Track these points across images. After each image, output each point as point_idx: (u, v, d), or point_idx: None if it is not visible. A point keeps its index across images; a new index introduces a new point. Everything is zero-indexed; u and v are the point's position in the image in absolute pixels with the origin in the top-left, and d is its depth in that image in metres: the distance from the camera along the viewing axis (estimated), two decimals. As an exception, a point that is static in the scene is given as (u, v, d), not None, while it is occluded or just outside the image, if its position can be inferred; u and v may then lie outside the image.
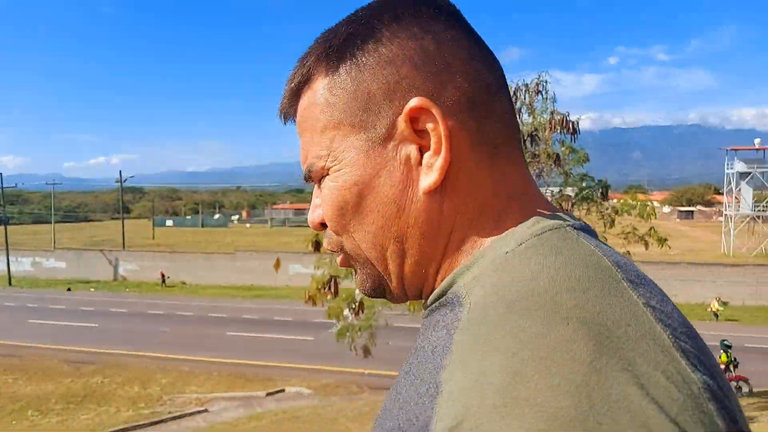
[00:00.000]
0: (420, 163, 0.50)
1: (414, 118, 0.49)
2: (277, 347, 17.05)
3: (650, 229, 8.16)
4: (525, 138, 7.04)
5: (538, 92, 7.24)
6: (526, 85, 7.28)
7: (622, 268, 0.45)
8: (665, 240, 8.11)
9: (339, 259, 0.59)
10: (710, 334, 15.82)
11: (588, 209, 8.32)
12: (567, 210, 6.88)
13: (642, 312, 0.41)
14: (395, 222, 0.52)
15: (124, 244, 42.22)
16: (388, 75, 0.50)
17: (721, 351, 11.81)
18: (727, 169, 47.06)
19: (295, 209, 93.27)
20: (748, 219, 44.25)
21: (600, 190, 7.87)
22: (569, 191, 7.91)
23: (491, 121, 0.51)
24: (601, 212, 8.10)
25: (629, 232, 8.20)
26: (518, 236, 0.48)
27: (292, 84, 0.56)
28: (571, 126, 7.04)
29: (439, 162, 0.49)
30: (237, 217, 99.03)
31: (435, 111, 0.48)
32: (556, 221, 0.49)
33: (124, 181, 51.35)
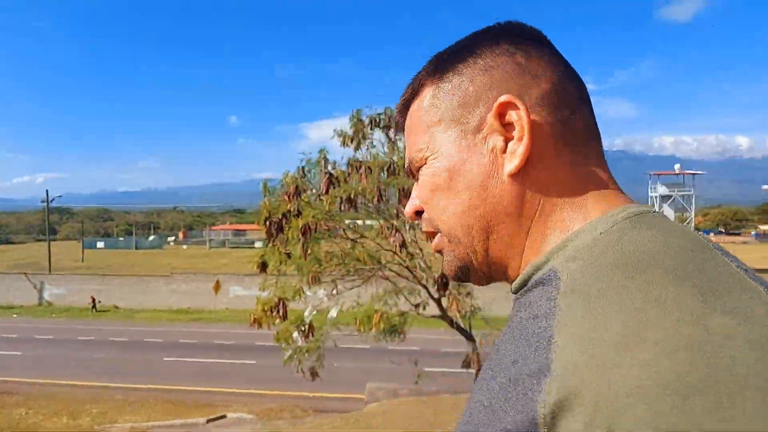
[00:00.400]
0: (504, 151, 0.57)
1: (501, 113, 0.57)
2: (218, 372, 16.49)
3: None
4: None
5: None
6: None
7: (710, 241, 0.50)
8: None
9: (434, 242, 0.65)
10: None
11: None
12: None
13: (736, 271, 0.46)
14: (481, 203, 0.58)
15: (50, 267, 39.81)
16: (483, 80, 0.59)
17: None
18: (651, 192, 50.18)
19: (236, 230, 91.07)
20: (670, 239, 46.82)
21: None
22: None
23: (572, 121, 0.58)
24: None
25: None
26: (610, 220, 0.52)
27: (404, 97, 0.66)
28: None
29: (521, 149, 0.55)
30: (173, 238, 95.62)
31: (520, 105, 0.56)
32: (643, 207, 0.54)
33: (51, 200, 48.68)
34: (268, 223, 7.33)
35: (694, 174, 52.49)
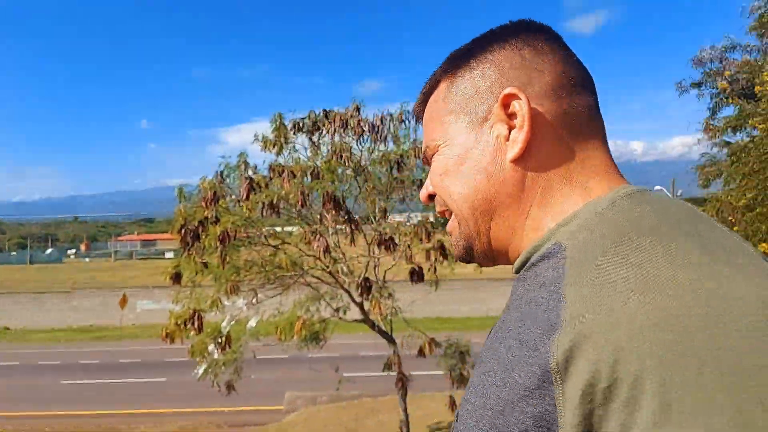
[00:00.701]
0: (508, 139, 0.62)
1: (506, 104, 0.61)
2: (124, 392, 15.43)
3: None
4: (392, 165, 7.32)
5: (402, 121, 7.61)
6: (391, 115, 7.61)
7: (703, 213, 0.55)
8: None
9: (449, 225, 0.70)
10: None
11: (445, 232, 8.86)
12: (430, 233, 7.22)
13: (730, 235, 0.50)
14: (485, 187, 0.63)
15: (-74, 285, 35.73)
16: (492, 73, 0.64)
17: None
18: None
19: (144, 240, 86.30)
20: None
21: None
22: (431, 217, 8.36)
23: (573, 109, 0.62)
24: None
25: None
26: (609, 198, 0.57)
27: (423, 91, 0.72)
28: (432, 155, 7.48)
29: (522, 136, 0.60)
30: (74, 251, 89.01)
31: (522, 96, 0.60)
32: (640, 186, 0.59)
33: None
34: (183, 231, 6.95)
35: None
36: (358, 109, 7.48)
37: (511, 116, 0.61)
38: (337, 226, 7.56)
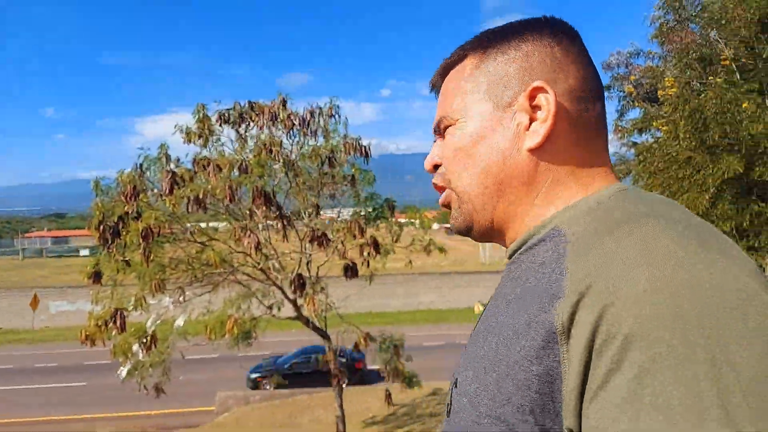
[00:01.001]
0: (527, 129, 0.65)
1: (533, 96, 0.65)
2: (39, 399, 14.45)
3: (430, 240, 9.08)
4: (323, 160, 7.28)
5: (332, 116, 7.58)
6: (320, 109, 7.56)
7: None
8: (443, 249, 9.10)
9: (442, 197, 0.73)
10: (478, 333, 18.08)
11: (377, 227, 8.93)
12: (363, 228, 7.25)
13: (709, 225, 0.56)
14: (500, 168, 0.66)
15: None
16: (522, 63, 0.66)
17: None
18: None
19: (55, 237, 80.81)
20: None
21: (389, 209, 8.50)
22: (362, 212, 8.39)
23: (588, 114, 0.66)
24: (389, 228, 8.76)
25: (412, 243, 9.02)
26: (607, 192, 0.63)
27: (448, 61, 0.73)
28: (363, 150, 7.51)
29: (544, 129, 0.64)
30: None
31: (550, 91, 0.64)
32: (631, 185, 0.67)
33: None
34: (102, 227, 6.59)
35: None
36: (284, 102, 7.37)
37: (535, 108, 0.65)
38: (268, 222, 7.44)
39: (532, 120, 0.65)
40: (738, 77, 6.92)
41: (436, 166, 0.74)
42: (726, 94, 6.41)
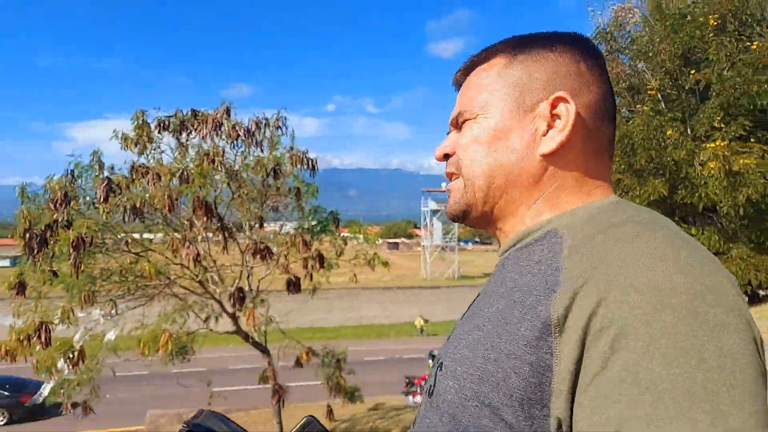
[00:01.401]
0: (544, 135, 0.70)
1: (554, 105, 0.69)
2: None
3: (374, 254, 9.10)
4: (268, 172, 7.18)
5: (278, 127, 7.51)
6: (267, 120, 7.48)
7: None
8: (386, 263, 9.13)
9: (450, 184, 0.78)
10: (419, 347, 18.23)
11: (321, 240, 8.87)
12: (307, 242, 7.16)
13: (684, 232, 0.61)
14: (511, 166, 0.70)
15: None
16: (549, 71, 0.71)
17: (429, 360, 13.72)
18: (423, 207, 55.91)
19: (-29, 247, 75.11)
20: (439, 248, 52.99)
21: (334, 222, 8.47)
22: (307, 225, 8.31)
23: (601, 131, 0.72)
24: (333, 241, 8.71)
25: (355, 257, 9.01)
26: (604, 202, 0.68)
27: (475, 58, 0.77)
28: (309, 162, 7.48)
29: (560, 137, 0.68)
30: None
31: (571, 103, 0.68)
32: (626, 199, 0.69)
33: None
34: (28, 235, 6.21)
35: (458, 191, 60.40)
36: (228, 110, 7.25)
37: (554, 116, 0.69)
38: (208, 234, 7.25)
39: (549, 127, 0.69)
40: (663, 106, 7.44)
41: (446, 156, 0.78)
42: (652, 122, 6.88)
